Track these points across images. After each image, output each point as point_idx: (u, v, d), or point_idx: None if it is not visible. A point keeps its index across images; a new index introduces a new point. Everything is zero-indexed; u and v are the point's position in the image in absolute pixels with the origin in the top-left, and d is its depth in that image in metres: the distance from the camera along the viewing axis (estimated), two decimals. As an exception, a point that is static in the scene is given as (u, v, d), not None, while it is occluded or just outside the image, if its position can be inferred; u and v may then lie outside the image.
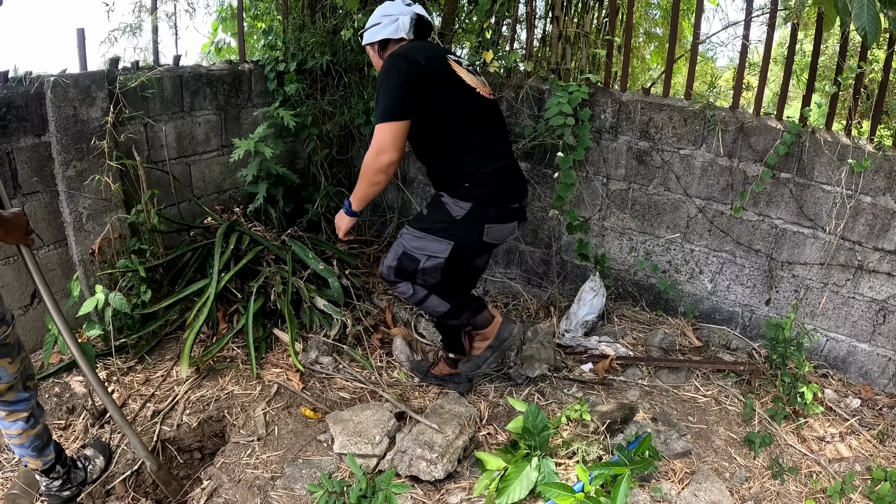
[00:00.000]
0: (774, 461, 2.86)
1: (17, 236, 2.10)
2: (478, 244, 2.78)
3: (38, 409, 2.36)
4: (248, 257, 3.47)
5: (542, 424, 2.68)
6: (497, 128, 2.79)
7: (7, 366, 2.14)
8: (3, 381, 2.16)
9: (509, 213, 2.79)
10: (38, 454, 2.38)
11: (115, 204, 3.41)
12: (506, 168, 2.76)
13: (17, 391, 2.24)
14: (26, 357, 2.29)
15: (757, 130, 3.29)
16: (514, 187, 2.79)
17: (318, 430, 3.00)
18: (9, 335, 2.12)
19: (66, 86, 3.17)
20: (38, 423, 2.34)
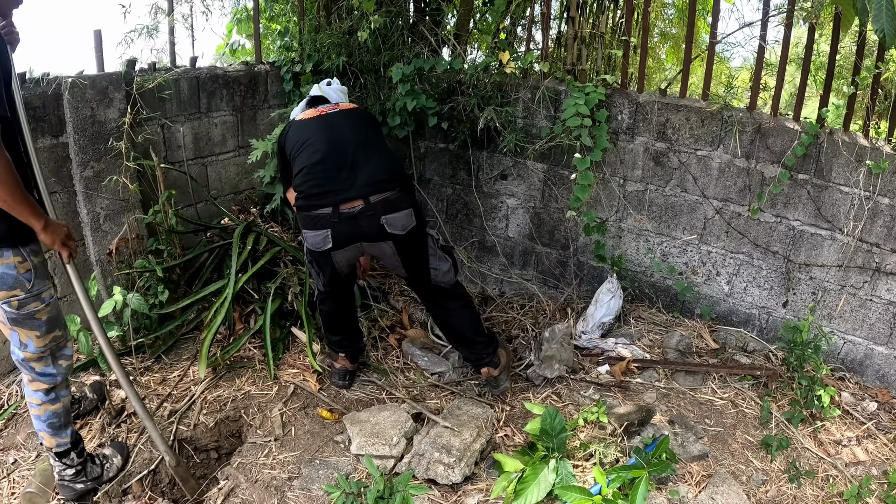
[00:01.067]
0: (791, 465, 2.84)
1: (54, 239, 2.23)
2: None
3: (63, 388, 2.47)
4: (266, 258, 3.48)
5: (560, 426, 2.68)
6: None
7: (35, 339, 2.31)
8: (30, 351, 2.33)
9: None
10: (53, 432, 2.48)
11: (132, 204, 3.43)
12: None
13: (46, 364, 2.39)
14: (62, 338, 2.43)
15: (774, 131, 3.27)
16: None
17: (335, 431, 3.01)
18: (39, 311, 2.29)
19: (83, 87, 3.18)
20: (58, 400, 2.45)
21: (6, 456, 2.84)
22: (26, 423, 3.01)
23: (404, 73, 3.60)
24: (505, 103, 3.70)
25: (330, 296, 3.09)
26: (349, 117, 2.96)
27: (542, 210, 3.97)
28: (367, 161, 2.80)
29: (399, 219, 2.76)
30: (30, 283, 2.23)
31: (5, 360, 3.28)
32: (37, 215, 2.13)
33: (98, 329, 2.47)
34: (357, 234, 2.75)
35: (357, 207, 2.70)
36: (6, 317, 2.28)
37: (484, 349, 3.11)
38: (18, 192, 2.02)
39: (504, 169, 3.97)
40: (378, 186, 2.74)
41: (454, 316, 3.09)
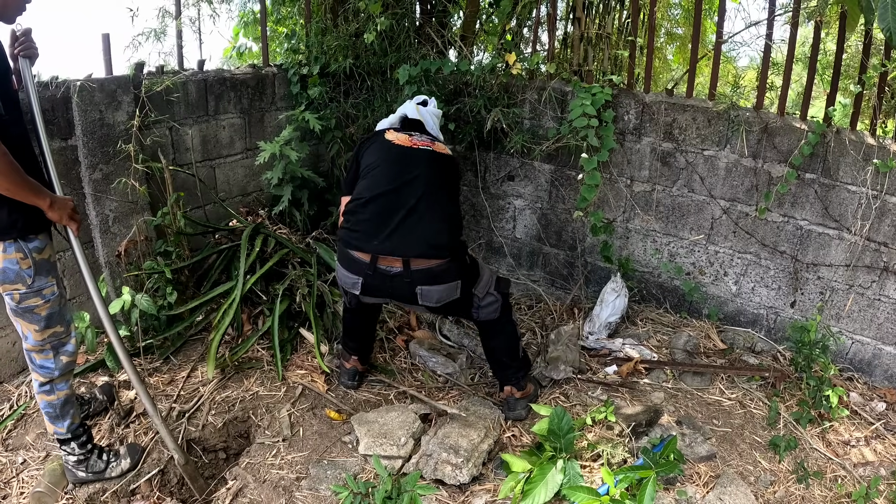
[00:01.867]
0: (799, 465, 2.83)
1: (61, 214, 2.29)
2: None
3: (61, 382, 2.53)
4: (274, 260, 3.49)
5: (568, 427, 2.68)
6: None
7: (33, 332, 2.39)
8: (30, 343, 2.42)
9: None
10: (50, 420, 2.58)
11: (140, 206, 3.45)
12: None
13: (46, 357, 2.46)
14: (63, 334, 2.49)
15: (781, 131, 3.27)
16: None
17: (343, 432, 3.02)
18: (39, 307, 2.35)
19: (92, 90, 3.21)
20: (53, 392, 2.52)
21: (15, 456, 2.86)
22: (35, 424, 3.04)
23: (411, 75, 3.61)
24: (511, 104, 3.71)
25: (356, 314, 3.11)
26: (434, 165, 2.75)
27: (549, 211, 3.97)
28: (426, 219, 2.61)
29: (436, 292, 2.63)
30: (30, 278, 2.29)
31: (14, 362, 3.31)
32: (42, 196, 2.20)
33: (105, 317, 2.51)
34: (388, 292, 2.66)
35: (395, 269, 2.57)
36: (10, 308, 2.37)
37: (515, 372, 3.07)
38: (19, 178, 2.08)
39: (511, 170, 3.98)
40: (425, 251, 2.57)
41: (493, 340, 3.03)
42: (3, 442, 2.94)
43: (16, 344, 3.29)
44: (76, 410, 2.62)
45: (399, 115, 3.03)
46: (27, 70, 2.32)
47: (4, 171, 2.02)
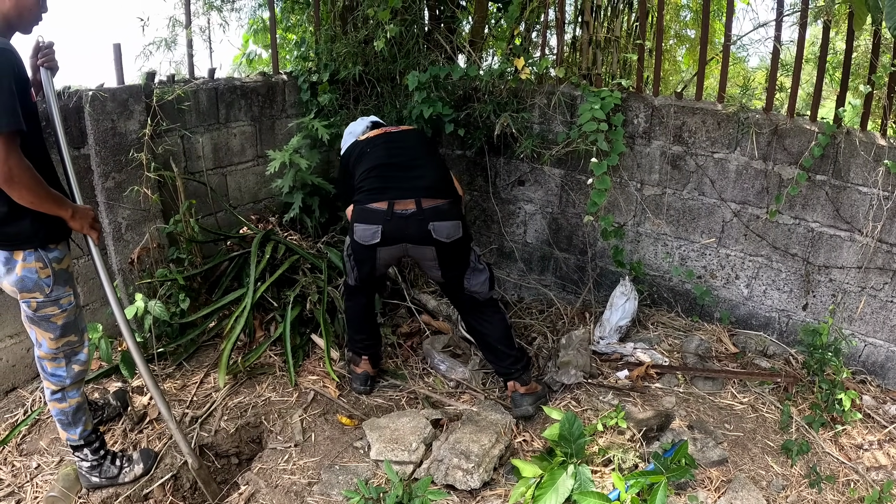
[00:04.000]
0: (812, 469, 2.81)
1: (83, 224, 2.33)
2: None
3: (72, 390, 2.56)
4: (284, 266, 3.51)
5: (579, 432, 2.67)
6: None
7: (48, 340, 2.42)
8: (44, 350, 2.45)
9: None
10: (62, 427, 2.62)
11: (153, 214, 3.48)
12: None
13: (59, 365, 2.49)
14: (77, 343, 2.52)
15: (791, 132, 3.25)
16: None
17: (355, 437, 3.03)
18: (55, 316, 2.38)
19: (104, 99, 3.24)
20: (65, 400, 2.55)
21: (29, 461, 2.90)
22: (49, 429, 3.07)
23: (420, 81, 3.63)
24: (521, 109, 3.72)
25: (360, 291, 3.16)
26: (412, 134, 3.21)
27: (559, 215, 3.97)
28: (425, 169, 2.99)
29: (445, 228, 2.87)
30: (49, 288, 2.33)
31: (28, 368, 3.34)
32: (64, 207, 2.24)
33: (123, 324, 2.54)
34: (404, 235, 2.85)
35: (409, 210, 2.83)
36: (26, 315, 2.40)
37: (513, 363, 3.11)
38: (43, 191, 2.13)
39: (521, 175, 3.98)
40: (431, 192, 2.89)
41: (487, 325, 3.12)
42: (18, 447, 2.98)
43: (30, 350, 3.33)
44: (88, 417, 2.65)
45: (362, 125, 3.35)
46: (48, 81, 2.35)
47: (29, 185, 2.07)
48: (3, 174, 1.99)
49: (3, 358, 3.23)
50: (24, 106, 2.04)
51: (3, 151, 1.96)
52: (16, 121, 1.98)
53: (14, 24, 2.16)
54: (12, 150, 1.98)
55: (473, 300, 3.08)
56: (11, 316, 3.21)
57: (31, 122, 2.15)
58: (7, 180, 2.02)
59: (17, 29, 2.19)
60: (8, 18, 2.12)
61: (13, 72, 2.00)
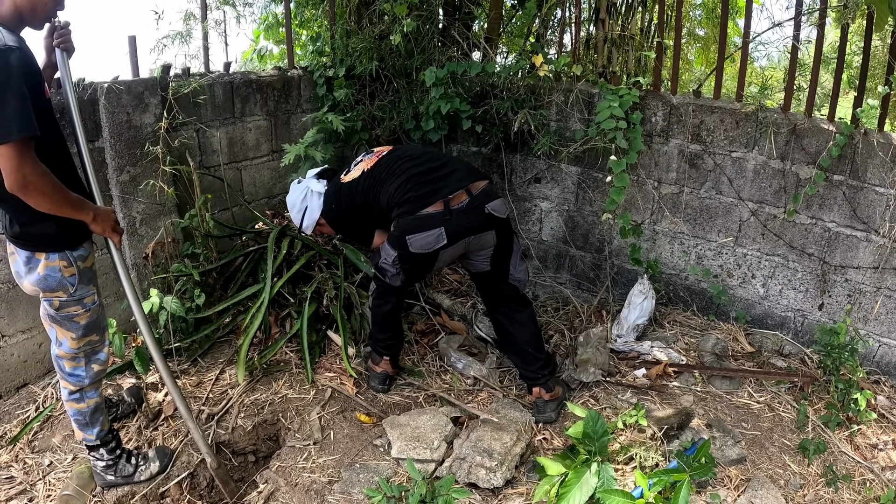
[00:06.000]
0: (828, 469, 2.82)
1: (104, 227, 2.27)
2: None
3: (91, 390, 2.51)
4: (301, 262, 3.48)
5: (602, 430, 2.67)
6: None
7: (70, 339, 2.37)
8: (64, 350, 2.39)
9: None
10: (79, 427, 2.57)
11: (168, 209, 3.44)
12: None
13: (78, 365, 2.44)
14: (98, 342, 2.47)
15: (809, 132, 3.26)
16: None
17: (374, 435, 3.01)
18: (79, 315, 2.34)
19: (119, 92, 3.20)
20: (83, 401, 2.50)
21: (42, 458, 2.86)
22: (62, 425, 3.03)
23: (438, 77, 3.60)
24: (538, 106, 3.71)
25: (395, 292, 3.11)
26: (411, 146, 3.24)
27: (576, 213, 3.96)
28: (453, 163, 2.97)
29: (499, 204, 2.89)
30: (73, 287, 2.27)
31: (39, 364, 3.30)
32: (84, 211, 2.17)
33: (142, 321, 2.48)
34: (467, 227, 2.82)
35: (464, 201, 2.79)
36: (47, 313, 2.34)
37: (541, 368, 3.09)
38: (61, 197, 2.06)
39: (538, 172, 3.97)
40: (472, 178, 2.88)
41: (519, 325, 3.09)
42: (30, 444, 2.94)
43: (42, 346, 3.28)
44: (105, 417, 2.61)
45: (319, 183, 3.21)
46: (64, 64, 2.25)
47: (45, 191, 1.99)
48: (17, 182, 1.92)
49: (14, 353, 3.19)
50: (37, 105, 1.95)
51: (17, 159, 1.88)
52: (28, 126, 1.88)
53: (27, 18, 2.08)
54: (26, 156, 1.90)
55: (514, 292, 3.07)
56: (23, 311, 3.16)
57: (46, 120, 2.07)
58: (22, 188, 1.94)
59: (29, 24, 2.12)
60: (20, 11, 2.05)
61: (23, 72, 1.90)
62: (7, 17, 2.02)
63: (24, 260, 2.22)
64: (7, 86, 1.84)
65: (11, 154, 1.87)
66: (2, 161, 1.89)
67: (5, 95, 1.84)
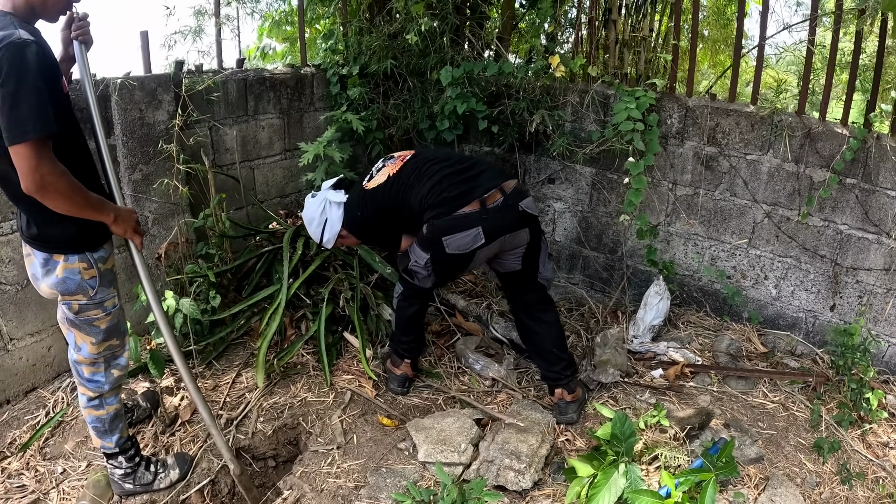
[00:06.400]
0: (843, 467, 2.88)
1: (125, 228, 2.18)
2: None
3: (110, 396, 2.44)
4: (317, 263, 3.43)
5: (630, 431, 2.68)
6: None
7: (89, 344, 2.28)
8: (83, 355, 2.31)
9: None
10: (97, 435, 2.50)
11: (181, 208, 3.36)
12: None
13: (97, 370, 2.35)
14: (118, 347, 2.40)
15: (823, 136, 3.30)
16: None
17: (398, 438, 2.98)
18: (99, 319, 2.25)
19: (132, 88, 3.13)
20: (102, 407, 2.43)
21: (54, 465, 2.78)
22: (74, 431, 2.96)
23: (454, 77, 3.58)
24: (553, 107, 3.70)
25: (423, 294, 3.09)
26: (432, 150, 3.21)
27: (589, 214, 3.97)
28: (480, 163, 2.94)
29: (531, 202, 2.88)
30: (93, 290, 2.19)
31: (49, 367, 3.21)
32: (105, 212, 2.09)
33: (164, 325, 2.41)
34: (503, 226, 2.79)
35: (499, 200, 2.76)
36: (65, 317, 2.26)
37: (564, 369, 3.09)
38: (80, 199, 1.97)
39: (552, 173, 3.97)
40: (504, 176, 2.87)
41: (545, 326, 3.08)
42: (41, 450, 2.86)
43: (51, 349, 3.20)
44: (124, 424, 2.54)
45: (339, 193, 3.07)
46: (82, 56, 2.15)
47: (64, 192, 1.90)
48: (34, 183, 1.82)
49: (23, 357, 3.10)
50: (54, 101, 1.85)
51: (34, 159, 1.79)
52: (45, 125, 1.78)
53: (38, 11, 2.00)
54: (43, 156, 1.81)
55: (542, 291, 3.06)
56: (32, 313, 3.07)
57: (64, 116, 1.98)
58: (40, 189, 1.85)
59: (42, 16, 2.02)
60: (32, 4, 1.96)
61: (40, 66, 1.79)
62: (20, 8, 1.93)
63: (42, 262, 2.13)
64: (23, 82, 1.75)
65: (28, 154, 1.78)
66: (18, 161, 1.80)
67: (21, 92, 1.75)
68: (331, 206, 3.03)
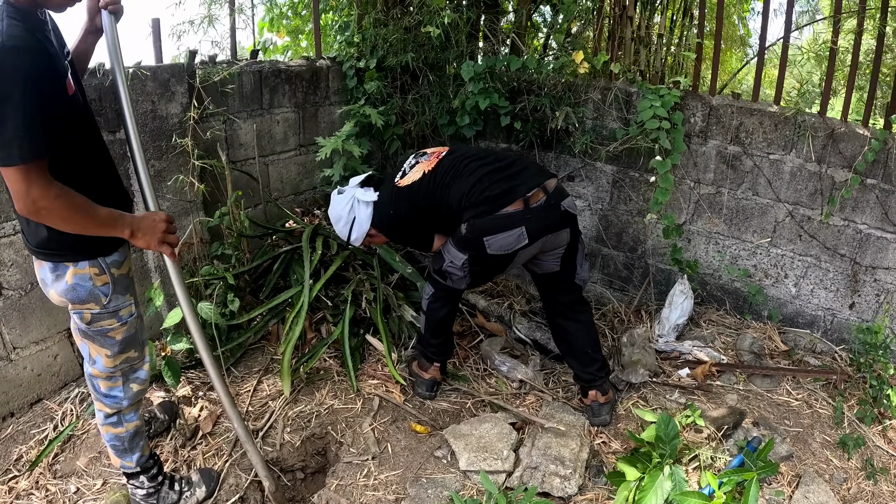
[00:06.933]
0: (867, 462, 2.92)
1: (149, 240, 1.91)
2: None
3: (130, 412, 2.26)
4: (337, 263, 3.29)
5: (674, 433, 2.67)
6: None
7: (104, 357, 2.09)
8: (98, 368, 2.12)
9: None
10: (116, 454, 2.32)
11: (196, 206, 3.18)
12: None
13: (114, 384, 2.17)
14: (137, 359, 2.21)
15: (845, 137, 3.33)
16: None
17: (433, 446, 2.88)
18: (114, 330, 2.05)
19: (144, 79, 2.94)
20: (121, 424, 2.25)
21: (66, 484, 2.60)
22: (86, 446, 2.77)
23: (476, 72, 3.47)
24: (576, 104, 3.64)
25: (455, 296, 3.00)
26: (466, 146, 3.10)
27: (609, 212, 3.93)
28: (520, 160, 2.85)
29: (572, 201, 2.83)
30: (106, 297, 1.98)
31: (55, 377, 3.01)
32: (119, 227, 1.84)
33: (199, 339, 2.21)
34: (546, 226, 2.72)
35: (542, 199, 2.69)
36: (77, 328, 2.06)
37: (598, 370, 3.04)
38: (84, 219, 1.76)
39: (572, 171, 3.91)
40: (546, 175, 2.80)
41: (580, 327, 3.02)
42: (51, 468, 2.66)
43: (57, 357, 2.99)
44: (146, 441, 2.36)
45: (369, 193, 2.94)
46: (111, 27, 1.88)
47: (63, 215, 1.70)
48: (26, 208, 1.64)
49: (27, 367, 2.88)
50: (54, 109, 1.64)
51: (23, 183, 1.59)
52: (32, 147, 1.57)
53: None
54: (34, 180, 1.61)
55: (578, 292, 3.01)
56: (36, 320, 2.86)
57: (72, 121, 1.75)
58: (33, 213, 1.66)
59: (45, 5, 1.76)
60: None
61: (28, 76, 1.56)
62: None
63: (51, 266, 1.93)
64: (6, 98, 1.52)
65: (16, 178, 1.58)
66: (8, 184, 1.61)
67: (4, 110, 1.52)
68: (359, 204, 2.91)
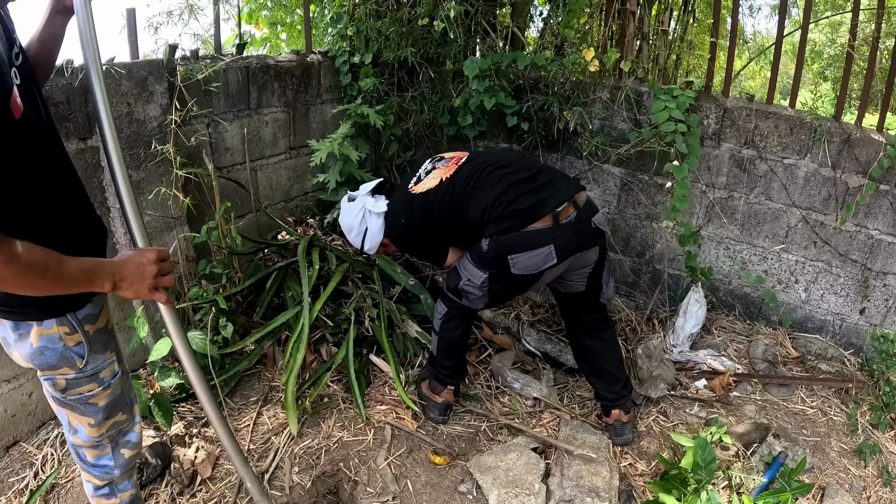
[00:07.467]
0: (883, 469, 2.90)
1: (137, 289, 1.50)
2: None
3: (123, 480, 1.96)
4: (337, 279, 3.01)
5: (711, 457, 2.56)
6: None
7: (87, 426, 1.76)
8: (81, 438, 1.81)
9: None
10: None
11: (180, 221, 2.83)
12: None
13: (102, 453, 1.86)
14: (126, 422, 1.88)
15: (861, 142, 3.25)
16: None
17: (455, 479, 2.68)
18: (96, 395, 1.71)
19: (118, 77, 2.58)
20: (114, 496, 1.95)
21: (53, 543, 2.28)
22: (72, 496, 2.46)
23: (481, 69, 3.21)
24: (584, 103, 3.43)
25: (470, 316, 2.79)
26: (487, 152, 2.88)
27: (616, 216, 3.76)
28: (545, 170, 2.63)
29: (601, 217, 2.64)
30: (82, 359, 1.64)
31: (31, 416, 2.66)
32: (97, 280, 1.43)
33: (197, 380, 1.81)
34: (576, 244, 2.51)
35: (572, 215, 2.49)
36: (50, 395, 1.70)
37: (622, 389, 2.88)
38: (52, 280, 1.35)
39: (578, 173, 3.71)
40: (574, 186, 2.60)
41: (604, 345, 2.85)
42: (33, 523, 2.33)
43: (32, 395, 2.63)
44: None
45: (380, 203, 2.71)
46: (84, 10, 1.44)
47: (23, 283, 1.31)
48: None
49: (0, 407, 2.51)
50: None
51: None
52: None
53: None
54: None
55: (603, 310, 2.84)
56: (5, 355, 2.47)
57: (21, 148, 1.35)
58: None
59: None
60: None
61: None
62: None
63: (12, 325, 1.56)
64: None
65: None
66: None
67: None
68: (370, 215, 2.66)
